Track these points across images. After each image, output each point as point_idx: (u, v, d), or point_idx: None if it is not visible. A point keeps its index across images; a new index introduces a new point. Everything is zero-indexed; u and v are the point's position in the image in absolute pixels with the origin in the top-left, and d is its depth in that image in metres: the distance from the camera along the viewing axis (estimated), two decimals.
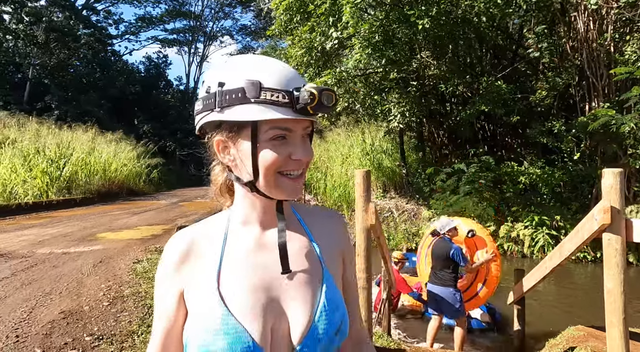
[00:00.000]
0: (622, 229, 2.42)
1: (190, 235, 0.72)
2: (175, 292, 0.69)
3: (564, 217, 9.07)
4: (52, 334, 2.68)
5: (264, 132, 0.66)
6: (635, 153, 8.29)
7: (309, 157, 0.68)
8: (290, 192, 0.69)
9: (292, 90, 0.64)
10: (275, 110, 0.64)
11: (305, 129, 0.69)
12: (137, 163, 16.06)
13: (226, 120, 0.67)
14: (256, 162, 0.67)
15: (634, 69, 7.84)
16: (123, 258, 4.34)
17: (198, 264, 0.70)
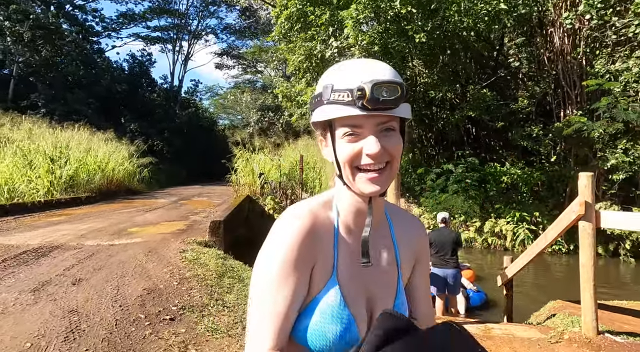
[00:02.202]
0: (593, 218, 3.20)
1: (311, 213, 0.75)
2: (308, 268, 0.71)
3: (541, 214, 10.03)
4: (145, 304, 3.26)
5: (338, 129, 0.71)
6: (604, 156, 9.30)
7: (378, 150, 0.68)
8: (366, 186, 0.71)
9: (354, 89, 0.67)
10: (340, 109, 0.68)
11: (381, 124, 0.70)
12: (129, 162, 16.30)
13: (314, 122, 0.75)
14: (336, 157, 0.72)
15: (603, 81, 8.84)
16: (167, 248, 4.89)
17: (320, 246, 0.73)
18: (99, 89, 27.38)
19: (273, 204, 11.33)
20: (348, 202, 0.77)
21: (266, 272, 0.71)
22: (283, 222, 0.74)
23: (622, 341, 3.14)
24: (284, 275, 0.69)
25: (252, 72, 38.78)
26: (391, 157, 0.71)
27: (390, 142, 0.70)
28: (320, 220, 0.75)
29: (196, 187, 19.69)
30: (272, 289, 0.69)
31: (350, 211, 0.77)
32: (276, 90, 12.99)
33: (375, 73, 0.69)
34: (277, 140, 16.27)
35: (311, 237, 0.72)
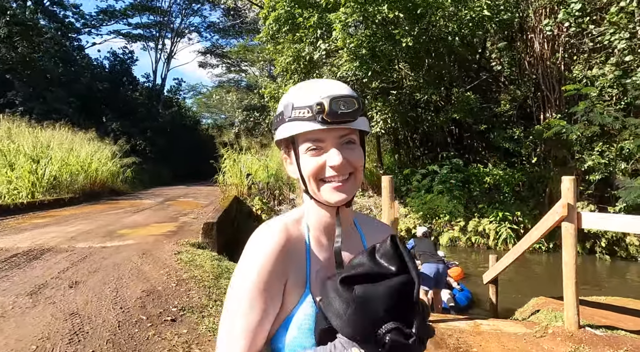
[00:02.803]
0: (575, 219, 3.40)
1: (285, 230, 0.76)
2: (280, 284, 0.72)
3: (523, 213, 10.37)
4: (146, 306, 3.30)
5: (301, 145, 0.74)
6: (581, 158, 9.69)
7: (341, 162, 0.71)
8: (332, 197, 0.73)
9: (313, 105, 0.70)
10: (301, 125, 0.71)
11: (342, 137, 0.73)
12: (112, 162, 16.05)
13: (277, 140, 0.79)
14: (301, 172, 0.75)
15: (581, 86, 9.21)
16: (161, 250, 4.91)
17: (293, 260, 0.74)
18: (79, 87, 26.80)
19: (261, 205, 11.37)
20: (316, 216, 0.79)
21: (239, 288, 0.72)
22: (257, 239, 0.75)
23: (602, 334, 3.35)
24: (257, 292, 0.70)
25: (236, 71, 38.54)
26: (354, 168, 0.74)
27: (352, 154, 0.74)
28: (292, 236, 0.76)
29: (181, 187, 19.50)
30: (244, 305, 0.70)
31: (319, 224, 0.79)
32: (264, 90, 13.02)
33: (333, 89, 0.73)
34: (264, 141, 16.26)
35: (283, 254, 0.73)
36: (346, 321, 0.62)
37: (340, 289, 0.64)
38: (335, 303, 0.64)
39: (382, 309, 0.62)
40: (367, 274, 0.65)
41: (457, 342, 3.32)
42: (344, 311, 0.63)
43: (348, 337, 0.63)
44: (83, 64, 30.33)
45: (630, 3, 7.78)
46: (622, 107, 9.51)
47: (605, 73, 8.97)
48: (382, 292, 0.63)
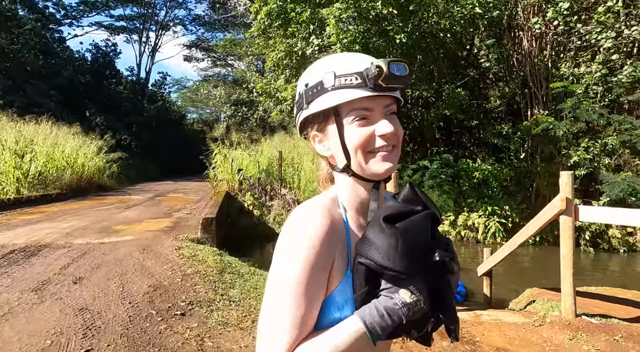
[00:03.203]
0: (573, 213, 3.53)
1: (329, 210, 0.72)
2: (328, 268, 0.70)
3: (511, 207, 10.62)
4: (154, 300, 3.30)
5: (346, 116, 0.71)
6: (567, 153, 9.97)
7: (392, 131, 0.70)
8: (381, 167, 0.72)
9: (362, 71, 0.68)
10: (351, 92, 0.68)
11: (387, 107, 0.72)
12: (99, 157, 15.76)
13: (313, 113, 0.73)
14: (345, 145, 0.72)
15: (568, 84, 9.46)
16: (161, 246, 4.88)
17: (338, 242, 0.71)
18: (61, 80, 26.13)
19: (252, 200, 11.34)
20: (352, 195, 0.77)
21: (287, 275, 0.67)
22: (302, 221, 0.70)
23: (597, 322, 3.50)
24: (306, 279, 0.67)
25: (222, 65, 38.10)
26: (397, 140, 0.73)
27: (395, 124, 0.73)
28: (335, 217, 0.73)
29: (169, 183, 19.28)
30: (294, 293, 0.67)
31: (355, 203, 0.77)
32: (256, 86, 12.94)
33: (369, 59, 0.72)
34: (254, 136, 16.19)
35: (331, 234, 0.70)
36: (400, 253, 0.65)
37: (386, 227, 0.67)
38: (382, 242, 0.66)
39: (424, 237, 0.69)
40: (400, 212, 0.70)
41: (460, 332, 3.42)
42: (395, 246, 0.66)
43: (402, 271, 0.66)
44: (64, 57, 29.55)
45: (616, 3, 8.01)
46: (607, 104, 9.81)
47: (592, 71, 9.22)
48: (421, 223, 0.69)
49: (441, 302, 0.71)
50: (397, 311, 0.66)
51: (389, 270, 0.66)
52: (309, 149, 15.03)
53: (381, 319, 0.66)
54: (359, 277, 0.69)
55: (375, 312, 0.67)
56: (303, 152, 15.03)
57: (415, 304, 0.66)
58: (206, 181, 14.05)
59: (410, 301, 0.66)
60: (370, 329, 0.66)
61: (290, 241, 0.70)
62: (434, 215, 0.72)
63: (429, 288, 0.69)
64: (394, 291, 0.67)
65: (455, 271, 0.73)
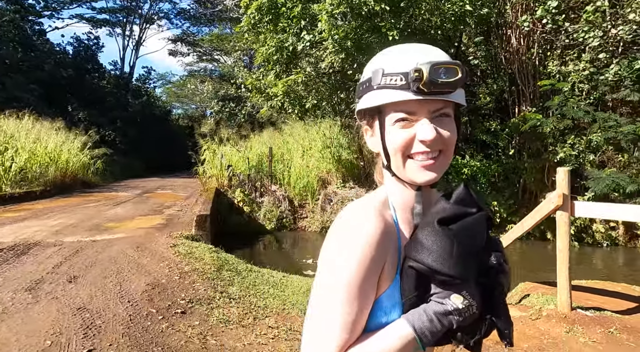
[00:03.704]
0: (569, 208, 3.60)
1: (380, 212, 0.69)
2: (379, 271, 0.67)
3: (499, 203, 10.79)
4: (153, 299, 3.24)
5: (388, 116, 0.68)
6: (554, 150, 10.17)
7: (434, 137, 0.65)
8: (418, 176, 0.68)
9: (409, 71, 0.63)
10: (392, 94, 0.65)
11: (435, 111, 0.66)
12: (83, 153, 15.42)
13: (361, 109, 0.72)
14: (385, 146, 0.69)
15: (555, 82, 9.63)
16: (156, 243, 4.80)
17: (390, 244, 0.69)
18: (42, 74, 25.43)
19: (242, 197, 11.27)
20: (401, 196, 0.73)
21: (341, 275, 0.65)
22: (353, 223, 0.67)
23: (592, 315, 3.59)
24: (359, 281, 0.64)
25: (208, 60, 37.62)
26: (445, 145, 0.68)
27: (444, 129, 0.67)
28: (386, 219, 0.70)
29: (155, 179, 18.99)
30: (344, 297, 0.64)
31: (405, 205, 0.73)
32: (246, 81, 12.80)
33: (431, 54, 0.67)
34: (243, 132, 16.05)
35: (383, 239, 0.67)
36: (456, 257, 0.63)
37: (440, 229, 0.65)
38: (436, 246, 0.64)
39: (480, 240, 0.67)
40: (454, 215, 0.67)
41: None
42: (450, 249, 0.63)
43: (457, 276, 0.63)
44: (45, 50, 28.75)
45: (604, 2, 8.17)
46: (592, 101, 10.03)
47: (579, 69, 9.39)
48: (476, 225, 0.68)
49: (494, 305, 0.70)
50: (448, 316, 0.64)
51: (443, 274, 0.64)
52: (298, 145, 14.99)
53: (430, 323, 0.64)
54: (409, 281, 0.67)
55: (425, 316, 0.65)
56: (293, 148, 14.98)
57: (467, 309, 0.64)
58: (193, 177, 13.89)
59: (462, 306, 0.64)
60: (419, 334, 0.65)
61: (342, 243, 0.67)
62: (489, 216, 0.71)
63: (482, 292, 0.67)
64: (445, 296, 0.65)
65: (507, 271, 0.72)
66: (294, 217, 11.54)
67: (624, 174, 8.94)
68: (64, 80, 27.08)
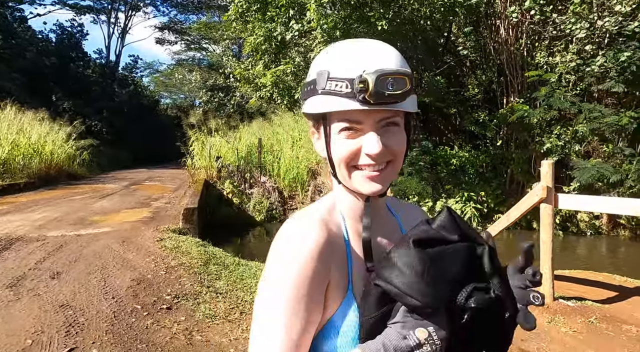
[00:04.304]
0: (553, 200, 3.64)
1: (324, 223, 0.65)
2: (324, 287, 0.62)
3: (486, 193, 10.90)
4: (138, 295, 3.22)
5: (334, 125, 0.63)
6: (540, 140, 10.27)
7: (379, 151, 0.61)
8: (365, 187, 0.64)
9: (354, 78, 0.58)
10: (336, 102, 0.60)
11: (382, 120, 0.62)
12: (68, 145, 15.15)
13: (305, 113, 0.68)
14: (330, 155, 0.65)
15: (542, 73, 9.69)
16: (142, 237, 4.75)
17: (335, 257, 0.64)
18: (24, 62, 24.78)
19: (232, 188, 11.21)
20: (350, 203, 0.69)
21: (277, 295, 0.60)
22: (293, 235, 0.63)
23: (573, 305, 3.67)
24: (300, 296, 0.59)
25: (196, 49, 37.00)
26: (393, 156, 0.64)
27: (392, 139, 0.63)
28: (332, 230, 0.65)
29: (142, 170, 18.78)
30: (284, 315, 0.59)
31: (356, 213, 0.69)
32: (234, 71, 12.64)
33: (381, 60, 0.60)
34: (232, 122, 15.90)
35: (326, 251, 0.62)
36: (426, 282, 0.55)
37: (414, 251, 0.58)
38: (407, 267, 0.57)
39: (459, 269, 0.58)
40: (431, 238, 0.60)
41: None
42: (422, 272, 0.56)
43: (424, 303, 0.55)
44: (26, 37, 27.97)
45: None
46: (578, 92, 10.12)
47: (566, 60, 9.45)
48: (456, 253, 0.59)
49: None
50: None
51: (411, 298, 0.56)
52: (288, 136, 14.91)
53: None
54: (370, 299, 0.61)
55: (382, 350, 0.56)
56: (283, 139, 14.89)
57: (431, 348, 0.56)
58: (182, 168, 13.75)
59: (424, 343, 0.55)
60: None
61: (280, 259, 0.62)
62: (473, 248, 0.62)
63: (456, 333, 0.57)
64: (410, 328, 0.57)
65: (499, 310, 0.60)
66: (283, 208, 11.52)
67: (608, 164, 9.09)
68: (47, 68, 26.45)
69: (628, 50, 8.19)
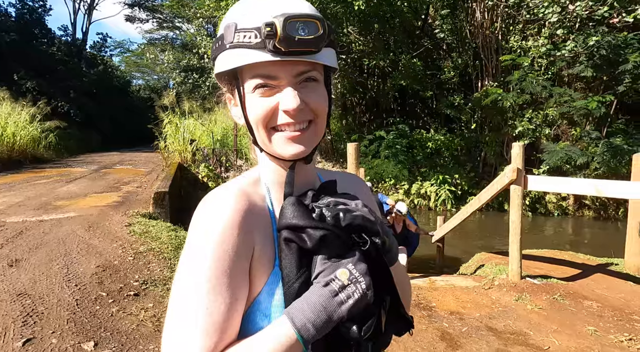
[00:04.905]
0: (522, 182, 3.70)
1: (242, 193, 0.59)
2: (247, 260, 0.56)
3: (460, 176, 11.11)
4: (103, 282, 3.10)
5: (247, 83, 0.57)
6: (513, 124, 10.48)
7: (297, 105, 0.55)
8: (287, 150, 0.58)
9: (261, 26, 0.52)
10: (246, 55, 0.54)
11: (299, 75, 0.56)
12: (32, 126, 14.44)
13: (217, 74, 0.60)
14: (247, 117, 0.59)
15: (516, 57, 9.80)
16: (109, 222, 4.58)
17: (257, 228, 0.58)
18: None
19: (207, 172, 10.99)
20: (275, 173, 0.64)
21: (195, 273, 0.53)
22: (209, 208, 0.57)
23: (539, 283, 3.78)
24: (220, 274, 0.53)
25: (169, 28, 35.63)
26: (314, 114, 0.58)
27: (312, 95, 0.57)
28: (252, 200, 0.60)
29: (114, 154, 18.18)
30: (205, 293, 0.52)
31: (281, 184, 0.63)
32: (208, 51, 12.21)
33: (288, 6, 0.55)
34: (207, 105, 15.50)
35: (246, 221, 0.56)
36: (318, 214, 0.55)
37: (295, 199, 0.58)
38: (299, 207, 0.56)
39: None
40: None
41: (417, 298, 3.56)
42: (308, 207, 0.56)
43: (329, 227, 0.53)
44: None
45: None
46: (549, 77, 10.32)
47: (538, 45, 9.57)
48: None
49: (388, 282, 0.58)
50: (334, 298, 0.51)
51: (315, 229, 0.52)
52: None
53: (314, 314, 0.51)
54: (288, 262, 0.55)
55: (306, 305, 0.52)
56: None
57: (356, 288, 0.52)
58: (156, 151, 13.37)
59: (347, 283, 0.52)
60: (299, 330, 0.51)
61: (197, 233, 0.56)
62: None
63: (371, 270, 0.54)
64: (329, 273, 0.52)
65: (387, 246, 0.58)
66: None
67: (576, 147, 9.37)
68: (7, 45, 24.93)
69: (597, 34, 8.35)
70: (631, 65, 8.28)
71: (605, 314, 3.28)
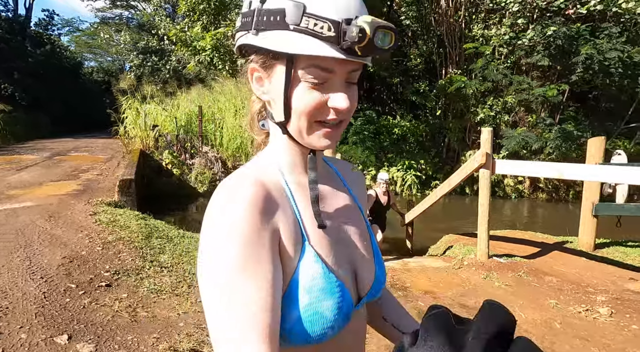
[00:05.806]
0: (490, 166, 3.86)
1: (259, 180, 0.58)
2: (275, 243, 0.56)
3: (426, 161, 11.42)
4: (71, 273, 2.94)
5: (301, 69, 0.55)
6: (475, 110, 10.85)
7: (348, 106, 0.56)
8: (324, 142, 0.59)
9: (341, 22, 0.51)
10: (316, 45, 0.52)
11: (351, 73, 0.57)
12: None
13: (260, 47, 0.56)
14: (288, 103, 0.58)
15: (478, 45, 10.09)
16: (72, 212, 4.33)
17: (280, 210, 0.58)
18: None
19: (171, 159, 10.63)
20: (291, 157, 0.64)
21: (224, 262, 0.51)
22: (226, 198, 0.55)
23: (505, 262, 4.00)
24: (251, 258, 0.52)
25: (124, 7, 33.65)
26: (348, 115, 0.60)
27: (353, 97, 0.59)
28: (270, 185, 0.59)
29: (67, 140, 17.15)
30: (238, 282, 0.50)
31: (296, 167, 0.64)
32: (169, 32, 11.68)
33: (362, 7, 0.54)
34: (169, 89, 14.89)
35: (269, 204, 0.56)
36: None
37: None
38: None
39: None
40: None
41: (392, 279, 3.67)
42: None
43: None
44: None
45: None
46: (509, 65, 10.74)
47: (500, 34, 9.90)
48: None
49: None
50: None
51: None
52: (230, 104, 14.29)
53: None
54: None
55: None
56: (224, 107, 14.23)
57: None
58: (114, 137, 12.73)
59: None
60: None
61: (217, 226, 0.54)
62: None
63: None
64: None
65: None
66: None
67: (532, 133, 9.87)
68: None
69: (554, 25, 8.75)
70: (583, 56, 8.77)
71: (565, 288, 3.52)
